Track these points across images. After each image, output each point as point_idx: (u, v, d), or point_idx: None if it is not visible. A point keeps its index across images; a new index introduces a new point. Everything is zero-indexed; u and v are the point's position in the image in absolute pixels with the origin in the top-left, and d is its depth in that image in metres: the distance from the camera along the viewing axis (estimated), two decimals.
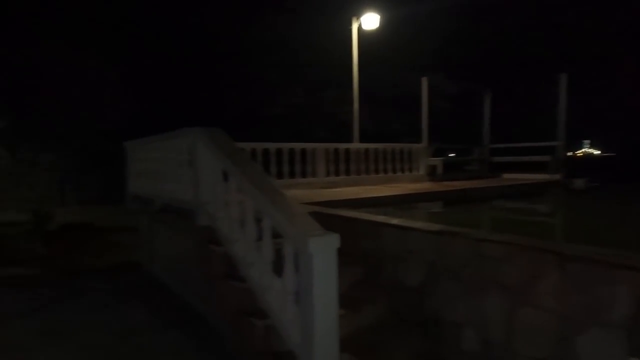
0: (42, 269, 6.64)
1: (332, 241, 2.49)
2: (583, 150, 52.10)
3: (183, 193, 4.50)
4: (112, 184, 11.72)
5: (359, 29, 10.77)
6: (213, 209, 3.91)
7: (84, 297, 5.23)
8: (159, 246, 6.00)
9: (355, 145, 9.09)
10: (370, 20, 10.62)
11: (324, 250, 2.46)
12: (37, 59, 10.81)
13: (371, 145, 8.93)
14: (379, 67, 15.11)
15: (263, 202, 3.04)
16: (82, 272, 6.47)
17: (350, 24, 10.72)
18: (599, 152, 50.15)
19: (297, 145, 7.75)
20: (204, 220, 4.03)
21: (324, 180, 8.01)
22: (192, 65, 15.28)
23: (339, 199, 5.84)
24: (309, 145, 7.97)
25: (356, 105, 10.81)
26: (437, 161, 9.72)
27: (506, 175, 9.91)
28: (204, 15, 15.83)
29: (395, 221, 3.90)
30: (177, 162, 4.74)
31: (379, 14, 10.64)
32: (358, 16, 10.68)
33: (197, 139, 4.07)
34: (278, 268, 2.90)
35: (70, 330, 4.15)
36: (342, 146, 8.50)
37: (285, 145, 7.55)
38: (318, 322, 2.45)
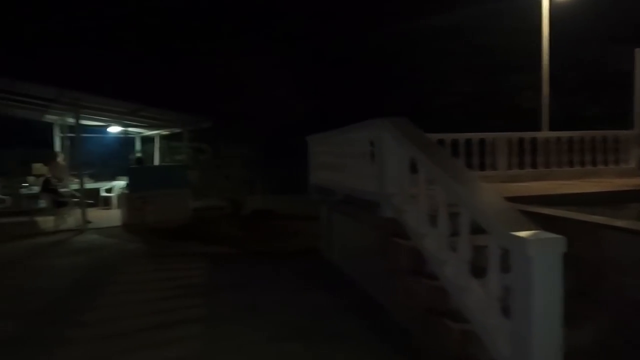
0: (238, 249, 7.59)
1: (558, 244, 2.11)
2: None
3: (365, 184, 4.53)
4: (292, 176, 12.84)
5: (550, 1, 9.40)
6: (398, 201, 3.82)
7: (273, 277, 5.77)
8: (338, 235, 6.24)
9: (544, 134, 7.98)
10: None
11: (546, 254, 2.10)
12: (234, 67, 12.55)
13: (564, 134, 7.71)
14: (571, 42, 13.02)
15: (460, 193, 2.79)
16: (269, 254, 7.17)
17: None
18: None
19: (475, 136, 7.16)
20: (389, 213, 3.97)
21: (506, 174, 7.23)
22: (361, 60, 15.67)
23: (529, 195, 5.15)
24: (488, 135, 7.29)
25: (546, 88, 9.50)
26: None
27: None
28: (373, 8, 16.07)
29: (620, 223, 3.20)
30: (359, 154, 4.80)
31: None
32: None
33: (382, 130, 4.03)
34: (475, 268, 2.63)
35: (264, 307, 4.58)
36: (528, 135, 7.54)
37: (461, 136, 7.04)
38: (537, 336, 2.11)
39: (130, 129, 13.73)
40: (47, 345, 3.70)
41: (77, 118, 9.44)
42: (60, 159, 12.39)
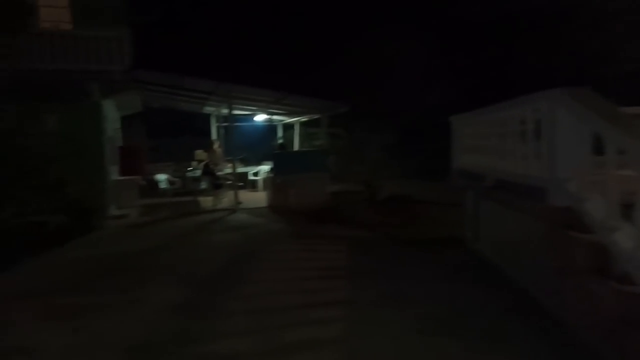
0: (376, 233, 7.51)
1: None
2: None
3: (527, 168, 3.97)
4: (430, 160, 12.29)
5: None
6: (576, 187, 3.22)
7: (416, 265, 5.52)
8: (487, 225, 5.69)
9: None
10: None
11: None
12: (372, 49, 12.47)
13: None
14: None
15: None
16: (408, 240, 6.92)
17: None
18: None
19: None
20: (561, 201, 3.39)
21: None
22: (512, 33, 14.09)
23: None
24: None
25: None
26: None
27: None
28: None
29: None
30: (517, 133, 4.22)
31: None
32: None
33: (553, 103, 3.43)
34: None
35: (408, 295, 4.38)
36: None
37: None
38: None
39: (273, 117, 14.69)
40: (216, 312, 4.09)
41: (230, 108, 10.38)
42: (216, 146, 13.89)
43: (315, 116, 13.40)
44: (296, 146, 15.40)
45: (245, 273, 5.34)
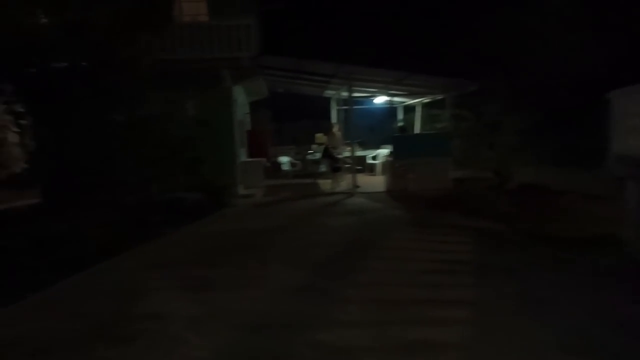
0: (505, 226, 6.72)
1: None
2: None
3: None
4: (573, 144, 10.67)
5: None
6: None
7: (556, 268, 4.74)
8: None
9: None
10: None
11: None
12: (504, 20, 11.15)
13: None
14: None
15: None
16: (546, 237, 6.03)
17: None
18: None
19: None
20: None
21: None
22: None
23: None
24: None
25: None
26: None
27: None
28: None
29: None
30: None
31: None
32: None
33: None
34: None
35: (546, 303, 3.73)
36: None
37: None
38: None
39: (394, 98, 14.21)
40: (329, 299, 4.01)
41: (350, 91, 10.25)
42: (335, 129, 13.99)
43: (439, 97, 12.57)
44: (417, 129, 14.72)
45: (361, 260, 5.18)
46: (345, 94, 11.47)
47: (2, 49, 6.38)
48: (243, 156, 12.19)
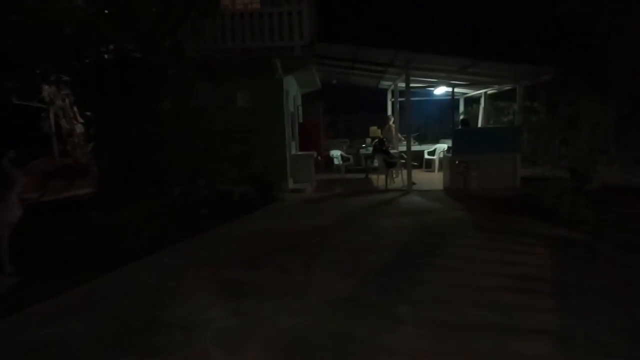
0: (587, 235, 5.79)
1: None
2: None
3: None
4: None
5: None
6: None
7: None
8: None
9: None
10: None
11: None
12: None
13: None
14: None
15: None
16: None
17: None
18: None
19: None
20: None
21: None
22: None
23: None
24: None
25: None
26: None
27: None
28: None
29: None
30: None
31: None
32: None
33: None
34: None
35: None
36: None
37: None
38: None
39: (455, 89, 13.17)
40: (381, 316, 3.47)
41: (407, 81, 9.51)
42: (391, 122, 13.25)
43: (506, 87, 11.44)
44: (480, 123, 13.61)
45: (417, 270, 4.56)
46: (402, 84, 10.72)
47: (57, 39, 6.38)
48: (294, 149, 11.83)
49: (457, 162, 9.63)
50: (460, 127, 10.95)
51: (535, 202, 7.81)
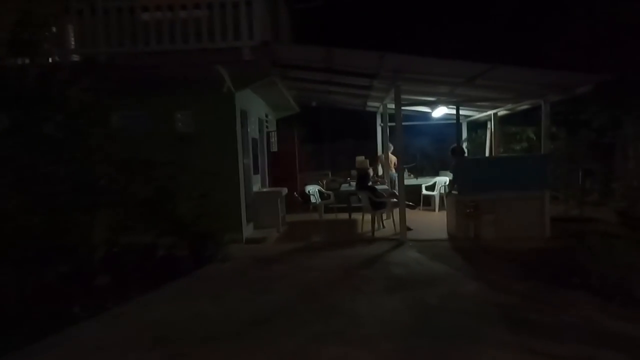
0: None
1: None
2: None
3: None
4: None
5: None
6: None
7: None
8: None
9: None
10: None
11: None
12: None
13: None
14: None
15: None
16: None
17: None
18: None
19: None
20: None
21: None
22: None
23: None
24: None
25: None
26: None
27: None
28: None
29: None
30: None
31: None
32: None
33: None
34: None
35: None
36: None
37: None
38: None
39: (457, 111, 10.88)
40: None
41: (398, 98, 7.21)
42: (390, 151, 10.89)
43: (524, 105, 9.10)
44: (488, 151, 11.29)
45: None
46: (391, 105, 8.43)
47: None
48: (258, 185, 9.44)
49: (463, 201, 7.25)
50: (452, 157, 8.62)
51: (585, 263, 5.32)
